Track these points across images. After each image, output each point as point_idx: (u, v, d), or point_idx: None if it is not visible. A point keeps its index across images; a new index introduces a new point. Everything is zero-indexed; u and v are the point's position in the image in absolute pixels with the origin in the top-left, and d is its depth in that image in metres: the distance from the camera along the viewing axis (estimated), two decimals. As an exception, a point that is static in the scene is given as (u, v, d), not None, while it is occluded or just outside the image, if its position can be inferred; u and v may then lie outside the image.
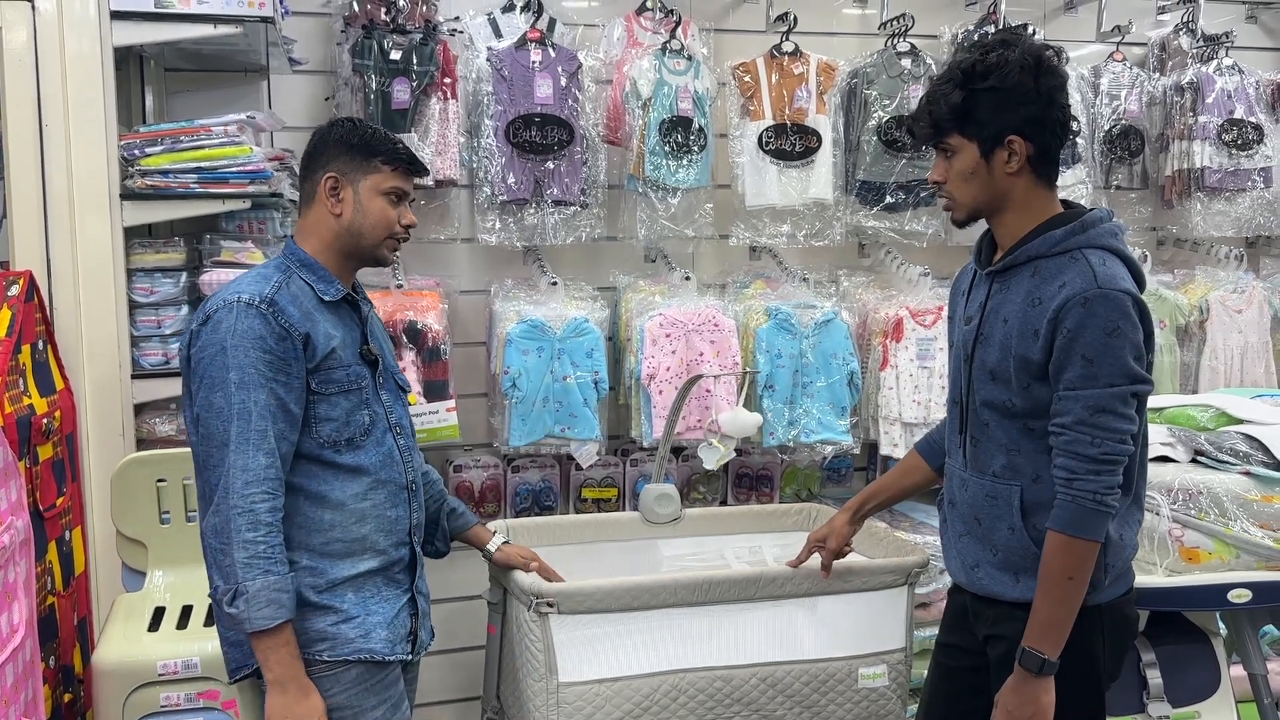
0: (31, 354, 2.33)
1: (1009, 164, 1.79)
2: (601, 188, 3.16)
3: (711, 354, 3.09)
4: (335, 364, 1.86)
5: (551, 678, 2.23)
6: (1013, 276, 1.83)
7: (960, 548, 1.95)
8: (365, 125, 1.96)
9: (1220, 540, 2.11)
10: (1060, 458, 1.75)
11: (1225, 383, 3.52)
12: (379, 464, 1.90)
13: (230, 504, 1.73)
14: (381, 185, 1.92)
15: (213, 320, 1.79)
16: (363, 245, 1.93)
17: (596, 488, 3.30)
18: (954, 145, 1.82)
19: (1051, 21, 3.73)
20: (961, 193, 1.84)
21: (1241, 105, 3.59)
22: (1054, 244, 1.78)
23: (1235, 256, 3.69)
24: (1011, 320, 1.80)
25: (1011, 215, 1.83)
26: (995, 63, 1.76)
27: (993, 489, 1.87)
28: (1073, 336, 1.70)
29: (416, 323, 2.93)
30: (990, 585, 1.89)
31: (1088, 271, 1.73)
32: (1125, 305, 1.70)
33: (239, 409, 1.75)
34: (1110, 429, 1.71)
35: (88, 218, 2.52)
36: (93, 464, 2.58)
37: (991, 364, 1.84)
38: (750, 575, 2.37)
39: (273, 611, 1.73)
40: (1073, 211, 1.84)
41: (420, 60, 2.91)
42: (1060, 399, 1.74)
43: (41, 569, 2.25)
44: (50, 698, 2.22)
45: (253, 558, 1.72)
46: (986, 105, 1.76)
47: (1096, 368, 1.70)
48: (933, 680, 2.11)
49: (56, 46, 2.47)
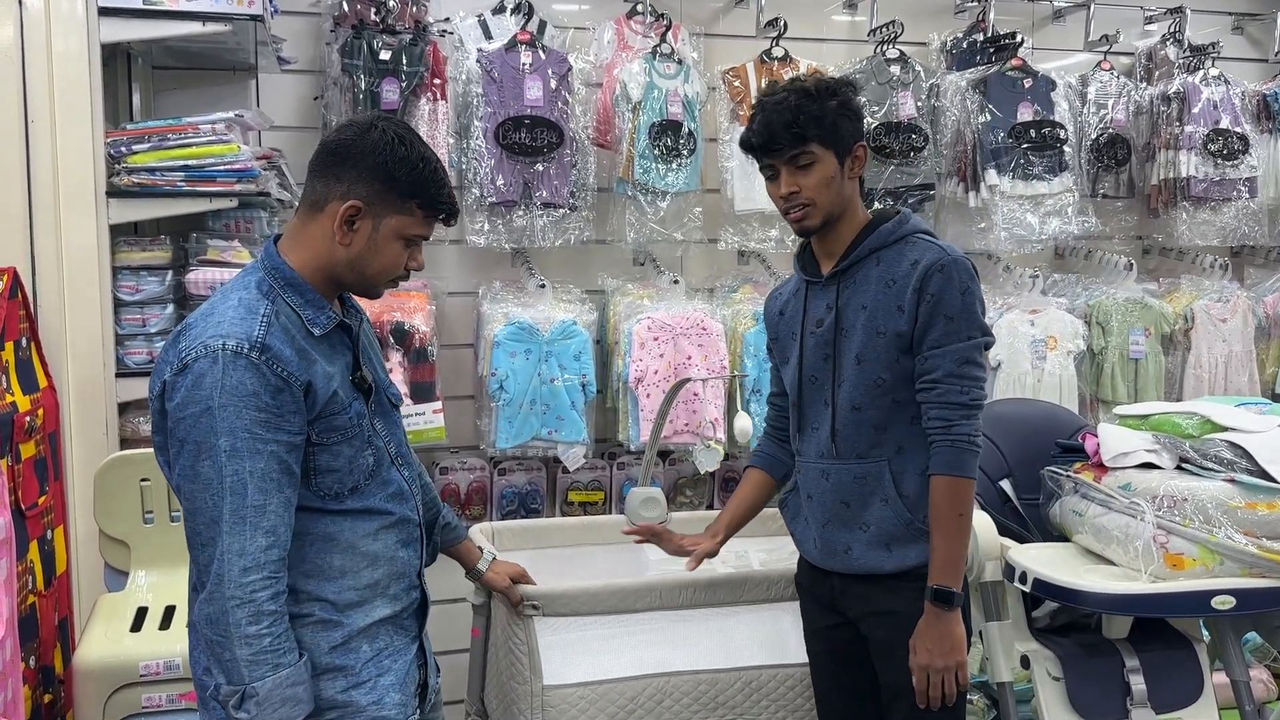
0: (15, 351, 2.31)
1: (853, 171, 2.00)
2: (590, 190, 3.16)
3: (699, 358, 3.09)
4: (337, 408, 1.62)
5: (535, 680, 2.22)
6: (857, 272, 2.00)
7: (824, 536, 2.06)
8: (415, 154, 1.62)
9: (1205, 547, 2.11)
10: (934, 409, 1.92)
11: (1210, 391, 3.54)
12: (390, 503, 1.70)
13: (226, 594, 1.50)
14: (407, 230, 1.64)
15: (193, 371, 1.52)
16: (360, 281, 1.68)
17: (583, 491, 3.29)
18: (815, 155, 1.96)
19: (1039, 30, 3.75)
20: (822, 199, 1.98)
21: (1227, 115, 3.61)
22: (889, 235, 1.99)
23: (1220, 266, 3.72)
24: (870, 305, 1.97)
25: (844, 221, 2.02)
26: (833, 82, 1.99)
27: (860, 470, 2.01)
28: (936, 300, 1.90)
29: (404, 324, 2.92)
30: (866, 562, 2.01)
31: (933, 246, 1.95)
32: (970, 269, 1.94)
33: (232, 482, 1.51)
34: (974, 378, 1.91)
35: (73, 215, 2.50)
36: (75, 463, 2.55)
37: (858, 349, 1.98)
38: (735, 578, 2.37)
39: (289, 711, 1.54)
40: (887, 210, 2.06)
41: (410, 61, 2.90)
42: (927, 358, 1.92)
43: (22, 568, 2.23)
44: (30, 698, 2.20)
45: (258, 654, 1.51)
46: (842, 118, 1.96)
47: (957, 324, 1.90)
48: (818, 669, 2.19)
49: (43, 42, 2.45)
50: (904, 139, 3.30)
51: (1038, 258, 3.63)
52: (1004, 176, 3.34)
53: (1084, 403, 3.46)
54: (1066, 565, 2.25)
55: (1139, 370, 3.50)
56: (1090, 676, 2.28)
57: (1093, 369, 3.50)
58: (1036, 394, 3.26)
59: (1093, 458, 2.37)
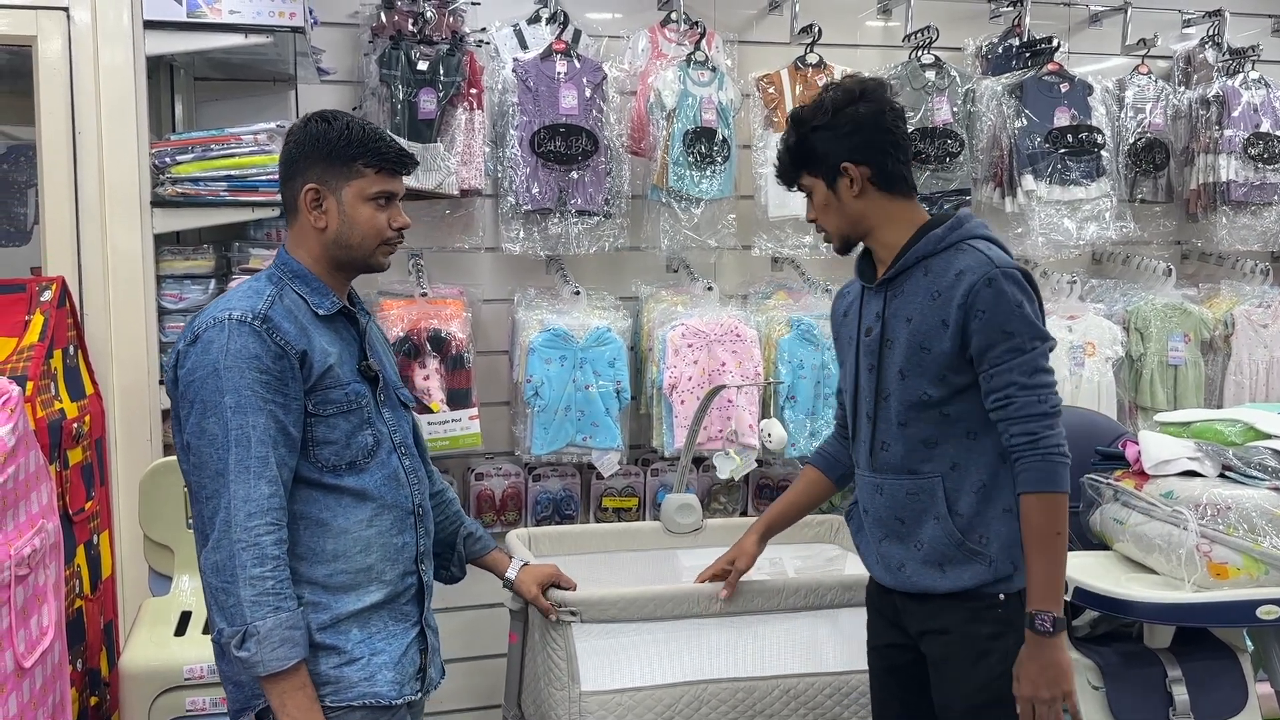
0: (63, 359, 2.35)
1: (852, 189, 1.93)
2: (625, 198, 3.17)
3: (733, 364, 3.09)
4: (333, 383, 1.72)
5: (574, 687, 2.23)
6: (905, 281, 1.94)
7: (882, 552, 2.00)
8: (341, 123, 1.76)
9: (1249, 556, 2.09)
10: (1015, 425, 1.83)
11: (1250, 398, 3.50)
12: (383, 487, 1.77)
13: (233, 538, 1.60)
14: (366, 191, 1.75)
15: (202, 340, 1.66)
16: (354, 256, 1.79)
17: (617, 497, 3.30)
18: (808, 185, 1.98)
19: (1076, 34, 3.72)
20: (828, 223, 1.98)
21: (1268, 119, 3.57)
22: (938, 241, 1.91)
23: (1261, 271, 3.67)
24: (915, 318, 1.90)
25: (881, 231, 1.96)
26: (814, 105, 1.95)
27: (914, 486, 1.94)
28: (989, 316, 1.83)
29: (440, 331, 2.94)
30: (919, 580, 1.94)
31: (981, 257, 1.86)
32: (1020, 279, 1.86)
33: (237, 435, 1.62)
34: (1047, 385, 1.84)
35: (119, 225, 2.55)
36: (121, 469, 2.60)
37: (900, 363, 1.92)
38: (773, 586, 2.37)
39: (287, 651, 1.61)
40: (942, 214, 1.98)
41: (447, 71, 2.93)
42: (992, 375, 1.84)
43: (70, 572, 2.27)
44: (77, 701, 2.23)
45: (261, 595, 1.60)
46: (817, 143, 1.93)
47: (1018, 338, 1.83)
48: (877, 687, 2.14)
49: (91, 56, 2.50)
50: (939, 144, 3.28)
51: (1075, 263, 3.60)
52: (1041, 181, 3.31)
53: (1123, 409, 3.43)
54: (1108, 574, 2.24)
55: (1178, 376, 3.46)
56: (1131, 686, 2.26)
57: (1131, 375, 3.46)
58: (1074, 400, 3.24)
59: (1134, 465, 2.36)
